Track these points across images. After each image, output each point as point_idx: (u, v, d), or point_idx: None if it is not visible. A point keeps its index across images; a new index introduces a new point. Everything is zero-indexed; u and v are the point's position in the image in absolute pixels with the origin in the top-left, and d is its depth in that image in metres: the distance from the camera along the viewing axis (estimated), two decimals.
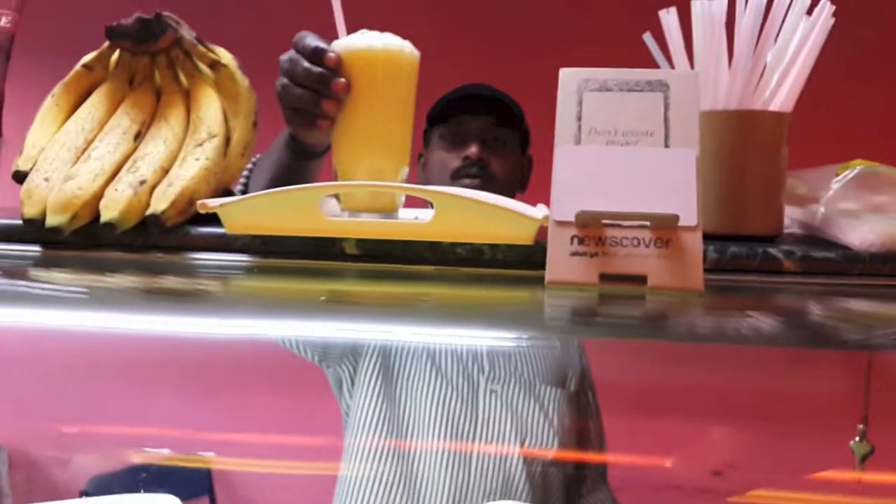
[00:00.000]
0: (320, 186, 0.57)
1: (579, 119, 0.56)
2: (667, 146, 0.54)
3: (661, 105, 0.55)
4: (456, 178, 1.28)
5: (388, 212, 0.67)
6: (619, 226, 0.52)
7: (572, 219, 0.52)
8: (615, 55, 0.66)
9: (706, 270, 0.52)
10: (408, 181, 0.70)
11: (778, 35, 0.64)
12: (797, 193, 0.70)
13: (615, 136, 0.55)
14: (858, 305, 0.56)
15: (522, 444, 1.17)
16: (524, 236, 0.56)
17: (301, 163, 0.87)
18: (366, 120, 0.66)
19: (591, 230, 0.52)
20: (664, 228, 0.51)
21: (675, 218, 0.51)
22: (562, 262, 0.52)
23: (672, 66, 0.67)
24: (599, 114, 0.56)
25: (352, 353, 1.24)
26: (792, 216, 0.73)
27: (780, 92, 0.64)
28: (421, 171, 1.38)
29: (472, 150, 1.28)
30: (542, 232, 0.56)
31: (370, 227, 0.58)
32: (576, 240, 0.52)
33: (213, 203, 0.58)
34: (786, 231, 0.72)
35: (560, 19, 2.32)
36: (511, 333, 0.95)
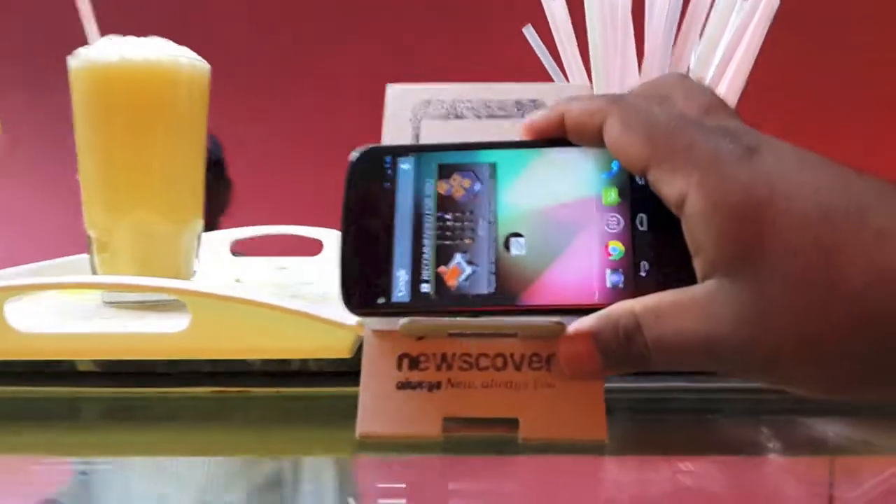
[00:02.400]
0: (7, 287, 0.36)
1: None
2: None
3: None
4: None
5: None
6: (474, 337, 0.33)
7: (398, 327, 0.33)
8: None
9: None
10: (200, 240, 0.50)
11: (706, 23, 0.45)
12: None
13: None
14: (828, 429, 0.38)
15: None
16: (336, 349, 0.36)
17: None
18: (127, 162, 0.46)
19: (431, 345, 0.33)
20: (543, 339, 0.32)
21: (561, 326, 0.32)
22: (383, 402, 0.32)
23: (563, 70, 0.48)
24: None
25: None
26: None
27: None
28: None
29: None
30: None
31: (87, 342, 0.37)
32: (406, 362, 0.33)
33: None
34: None
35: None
36: None
